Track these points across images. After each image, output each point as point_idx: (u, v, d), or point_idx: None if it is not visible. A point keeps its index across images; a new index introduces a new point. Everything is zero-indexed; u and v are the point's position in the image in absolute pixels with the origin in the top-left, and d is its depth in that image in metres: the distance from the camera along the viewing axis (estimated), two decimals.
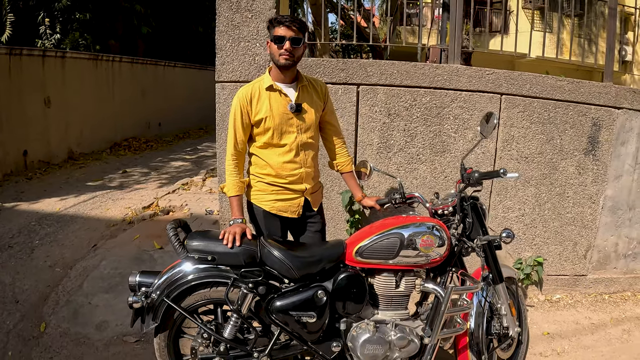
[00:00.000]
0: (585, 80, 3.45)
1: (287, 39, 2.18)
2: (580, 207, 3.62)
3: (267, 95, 2.29)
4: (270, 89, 2.29)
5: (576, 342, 3.20)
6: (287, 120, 2.31)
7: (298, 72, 2.37)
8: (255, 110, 2.28)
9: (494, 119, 2.15)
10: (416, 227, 2.19)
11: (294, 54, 2.22)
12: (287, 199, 2.40)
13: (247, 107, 2.28)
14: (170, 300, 2.12)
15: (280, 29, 2.19)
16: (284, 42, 2.18)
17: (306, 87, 2.37)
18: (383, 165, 3.33)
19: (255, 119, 2.29)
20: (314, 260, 2.15)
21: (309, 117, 2.36)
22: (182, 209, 5.07)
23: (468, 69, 3.25)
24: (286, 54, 2.19)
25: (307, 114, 2.35)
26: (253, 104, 2.28)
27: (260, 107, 2.28)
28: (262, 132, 2.31)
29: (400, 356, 2.22)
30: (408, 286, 2.23)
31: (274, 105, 2.28)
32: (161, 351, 2.27)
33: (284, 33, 2.18)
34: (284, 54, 2.19)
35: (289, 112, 2.30)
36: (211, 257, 2.13)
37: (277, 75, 2.30)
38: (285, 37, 2.18)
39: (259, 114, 2.28)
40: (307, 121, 2.36)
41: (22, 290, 3.59)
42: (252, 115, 2.29)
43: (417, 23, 10.18)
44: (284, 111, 2.29)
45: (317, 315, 2.10)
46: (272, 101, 2.28)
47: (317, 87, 2.42)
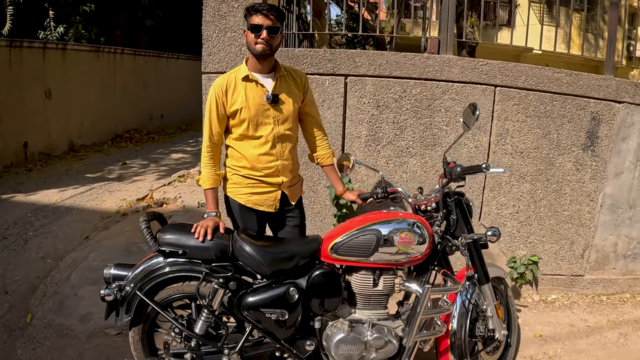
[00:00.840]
0: (584, 73, 3.32)
1: (265, 27, 2.13)
2: (578, 205, 3.50)
3: (243, 85, 2.23)
4: (247, 79, 2.23)
5: (570, 346, 3.09)
6: (263, 111, 2.25)
7: (276, 62, 2.31)
8: (231, 101, 2.22)
9: (477, 111, 2.06)
10: (396, 223, 2.11)
11: (271, 43, 2.17)
12: (263, 192, 2.33)
13: (223, 98, 2.22)
14: (143, 294, 2.09)
15: (257, 18, 2.14)
16: (261, 30, 2.13)
17: (284, 78, 2.30)
18: (372, 159, 3.25)
19: (231, 110, 2.23)
20: (286, 256, 2.09)
21: (286, 108, 2.29)
22: (175, 201, 5.06)
23: (460, 60, 3.14)
24: (263, 43, 2.14)
25: (285, 105, 2.28)
26: (228, 94, 2.22)
27: (236, 97, 2.22)
28: (237, 123, 2.25)
29: (377, 357, 2.15)
30: (387, 285, 2.15)
31: (250, 96, 2.22)
32: (135, 345, 2.24)
33: (261, 22, 2.13)
34: (260, 43, 2.14)
35: (265, 103, 2.24)
36: (182, 250, 2.08)
37: (254, 65, 2.24)
38: (262, 25, 2.13)
39: (235, 105, 2.22)
40: (285, 112, 2.29)
41: (13, 281, 3.61)
42: (228, 106, 2.23)
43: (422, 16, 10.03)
44: (260, 102, 2.23)
45: (289, 312, 2.03)
46: (248, 92, 2.22)
47: (296, 78, 2.35)
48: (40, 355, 2.80)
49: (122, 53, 8.88)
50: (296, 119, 2.39)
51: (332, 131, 3.19)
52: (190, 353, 2.13)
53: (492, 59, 3.27)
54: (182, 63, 10.97)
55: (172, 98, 10.40)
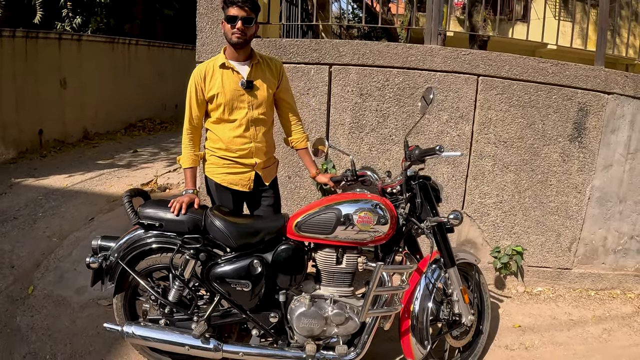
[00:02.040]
0: (572, 63, 3.31)
1: (239, 18, 2.26)
2: (565, 197, 3.50)
3: (220, 72, 2.37)
4: (223, 67, 2.38)
5: (548, 338, 3.08)
6: (238, 96, 2.38)
7: (252, 50, 2.44)
8: (209, 87, 2.38)
9: (431, 94, 2.13)
10: (361, 203, 2.19)
11: (246, 32, 2.30)
12: (237, 173, 2.47)
13: (201, 84, 2.38)
14: (125, 264, 2.25)
15: (233, 9, 2.27)
16: (236, 21, 2.26)
17: (260, 65, 2.43)
18: (355, 146, 3.33)
19: (208, 95, 2.38)
20: (251, 231, 2.21)
21: (260, 94, 2.42)
22: (178, 186, 5.22)
23: (443, 49, 3.18)
24: (238, 33, 2.28)
25: (259, 91, 2.42)
26: (207, 81, 2.37)
27: (213, 84, 2.37)
28: (214, 107, 2.40)
29: (338, 333, 2.24)
30: (350, 263, 2.24)
31: (226, 82, 2.36)
32: (118, 311, 2.43)
33: (237, 13, 2.26)
34: (236, 33, 2.28)
35: (240, 89, 2.37)
36: (159, 223, 2.23)
37: (231, 53, 2.39)
38: (237, 16, 2.26)
39: (212, 91, 2.37)
40: (259, 97, 2.42)
41: (19, 257, 3.80)
42: (206, 91, 2.38)
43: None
44: (235, 87, 2.37)
45: (253, 284, 2.15)
46: (225, 78, 2.37)
47: (271, 65, 2.48)
48: (37, 322, 2.99)
49: (136, 44, 9.10)
50: (271, 104, 2.52)
51: (317, 118, 3.29)
52: (164, 319, 2.29)
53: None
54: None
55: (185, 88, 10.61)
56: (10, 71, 6.46)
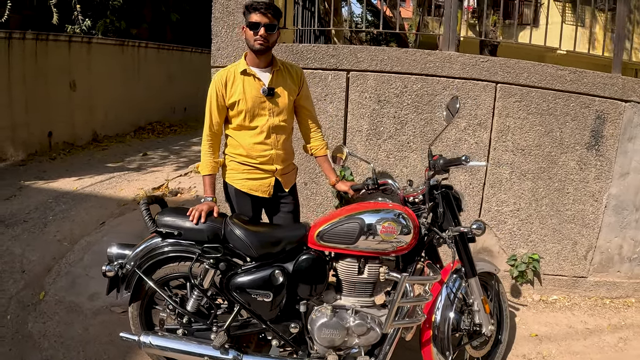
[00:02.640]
0: (589, 70, 3.28)
1: (262, 25, 2.24)
2: (581, 205, 3.46)
3: (241, 79, 2.35)
4: (245, 73, 2.35)
5: (565, 347, 3.05)
6: (259, 103, 2.36)
7: (273, 57, 2.42)
8: (230, 93, 2.35)
9: (457, 104, 2.10)
10: (383, 213, 2.17)
11: (269, 39, 2.28)
12: (257, 179, 2.45)
13: (222, 90, 2.35)
14: (142, 272, 2.22)
15: (255, 16, 2.25)
16: (259, 28, 2.24)
17: (280, 72, 2.41)
18: (372, 153, 3.31)
19: (229, 101, 2.36)
20: (273, 240, 2.18)
21: (282, 101, 2.40)
22: (189, 190, 5.21)
23: (461, 56, 3.16)
24: (261, 40, 2.26)
25: (280, 98, 2.40)
26: (228, 87, 2.35)
27: (234, 90, 2.34)
28: (235, 114, 2.38)
29: (359, 343, 2.21)
30: (372, 273, 2.21)
31: (247, 89, 2.34)
32: (134, 320, 2.39)
33: (259, 19, 2.24)
34: (258, 40, 2.26)
35: (261, 96, 2.35)
36: (178, 232, 2.20)
37: (253, 59, 2.36)
38: (260, 23, 2.24)
39: (233, 97, 2.34)
40: (280, 105, 2.40)
41: (30, 261, 3.77)
42: (227, 98, 2.36)
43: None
44: (256, 94, 2.35)
45: (274, 294, 2.12)
46: (246, 85, 2.34)
47: (292, 72, 2.46)
48: (49, 328, 2.96)
49: (146, 47, 9.12)
50: (291, 111, 2.49)
51: (334, 125, 3.27)
52: (182, 329, 2.26)
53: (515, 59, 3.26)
54: (206, 57, 11.07)
55: (195, 91, 10.57)
56: (20, 73, 6.48)
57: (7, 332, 2.93)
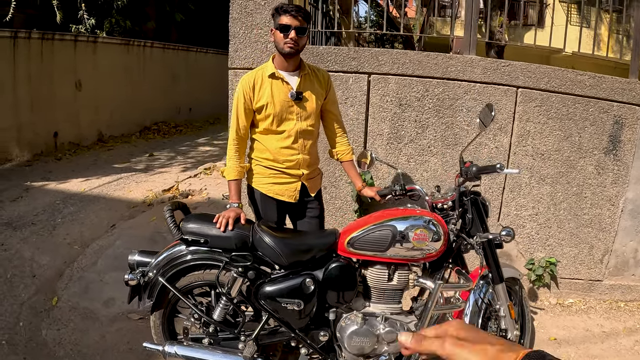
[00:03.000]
0: (608, 75, 3.27)
1: (293, 28, 2.20)
2: (599, 209, 3.46)
3: (269, 82, 2.31)
4: (273, 77, 2.32)
5: (583, 350, 3.06)
6: (287, 107, 2.33)
7: (301, 60, 2.39)
8: (257, 97, 2.31)
9: (493, 111, 2.09)
10: (412, 220, 2.15)
11: (299, 42, 2.25)
12: (284, 183, 2.43)
13: (250, 94, 2.31)
14: (165, 280, 2.17)
15: (285, 18, 2.21)
16: (289, 31, 2.20)
17: (308, 76, 2.38)
18: (393, 157, 3.29)
19: (257, 105, 2.32)
20: (303, 248, 2.15)
21: (309, 105, 2.37)
22: (200, 192, 5.17)
23: (483, 60, 3.15)
24: (291, 43, 2.22)
25: (308, 102, 2.36)
26: (255, 90, 2.31)
27: (262, 94, 2.31)
28: (263, 118, 2.34)
29: (389, 350, 2.19)
30: (401, 280, 2.19)
31: (275, 93, 2.31)
32: (156, 329, 2.34)
33: (290, 22, 2.20)
34: (288, 43, 2.22)
35: (289, 100, 2.32)
36: (204, 239, 2.16)
37: (281, 63, 2.32)
38: (290, 26, 2.20)
39: (261, 101, 2.31)
40: (308, 109, 2.37)
41: (40, 265, 3.72)
42: (254, 101, 2.32)
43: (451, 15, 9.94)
44: (284, 99, 2.31)
45: (305, 303, 2.10)
46: (274, 88, 2.31)
47: (319, 76, 2.43)
48: (64, 336, 2.90)
49: (151, 46, 9.06)
50: (318, 116, 2.46)
51: (355, 128, 3.24)
52: (208, 338, 2.22)
53: (520, 60, 3.25)
54: (211, 57, 11.12)
55: (200, 92, 10.57)
56: (25, 73, 6.42)
57: (20, 339, 2.87)
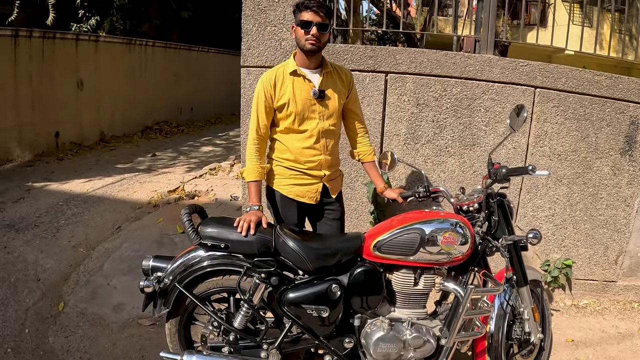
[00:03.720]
0: (624, 76, 3.25)
1: (314, 24, 2.15)
2: (614, 210, 3.44)
3: (290, 80, 2.26)
4: (294, 74, 2.26)
5: (601, 352, 3.05)
6: (309, 106, 2.27)
7: (323, 58, 2.33)
8: (279, 94, 2.26)
9: (524, 112, 2.04)
10: (439, 223, 2.10)
11: (321, 39, 2.19)
12: (305, 184, 2.36)
13: (271, 92, 2.25)
14: (182, 287, 2.10)
15: (307, 14, 2.15)
16: (310, 27, 2.15)
17: (331, 74, 2.32)
18: (410, 157, 3.24)
19: (278, 103, 2.26)
20: (329, 252, 2.09)
21: (332, 104, 2.31)
22: (207, 193, 5.10)
23: (501, 60, 3.11)
24: (312, 39, 2.16)
25: (331, 101, 2.31)
26: (277, 88, 2.25)
27: (284, 91, 2.25)
28: (284, 117, 2.28)
29: (414, 356, 2.15)
30: (427, 284, 2.14)
31: (297, 91, 2.25)
32: (172, 337, 2.26)
33: (311, 18, 2.15)
34: (310, 39, 2.16)
35: (312, 98, 2.26)
36: (224, 244, 2.09)
37: (302, 60, 2.27)
38: (312, 22, 2.15)
39: (282, 99, 2.25)
40: (330, 108, 2.31)
41: (45, 269, 3.64)
42: (275, 99, 2.26)
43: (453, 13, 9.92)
44: (307, 97, 2.26)
45: (330, 309, 2.04)
46: (296, 86, 2.25)
47: (341, 75, 2.37)
48: (73, 343, 2.83)
49: (153, 46, 8.97)
50: (340, 115, 2.41)
51: (371, 128, 3.19)
52: (228, 347, 2.15)
53: (525, 59, 3.23)
54: (213, 57, 11.06)
55: (202, 91, 10.50)
56: (26, 72, 6.34)
57: (27, 347, 2.79)
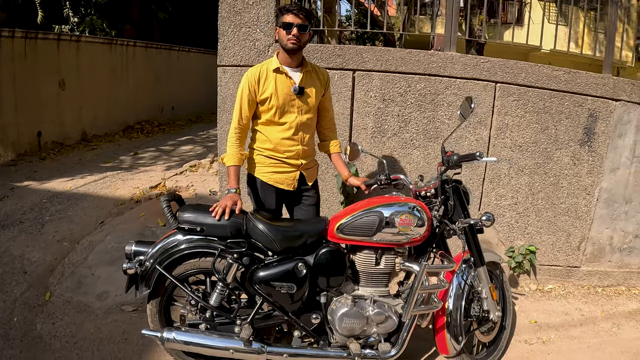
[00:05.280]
0: (582, 71, 3.44)
1: (295, 25, 2.35)
2: (575, 198, 3.63)
3: (273, 76, 2.46)
4: (277, 71, 2.46)
5: (563, 332, 3.22)
6: (289, 100, 2.47)
7: (304, 58, 2.54)
8: (262, 89, 2.45)
9: (473, 104, 2.22)
10: (397, 206, 2.27)
11: (301, 39, 2.39)
12: (283, 172, 2.56)
13: (255, 86, 2.45)
14: (162, 269, 2.25)
15: (288, 17, 2.36)
16: (291, 28, 2.35)
17: (310, 73, 2.53)
18: (377, 150, 3.41)
19: (261, 97, 2.46)
20: (295, 234, 2.26)
21: (310, 100, 2.52)
22: (187, 189, 5.21)
23: (463, 57, 3.29)
24: (293, 39, 2.37)
25: (309, 98, 2.52)
26: (260, 83, 2.45)
27: (267, 86, 2.45)
28: (266, 110, 2.48)
29: (377, 331, 2.31)
30: (388, 264, 2.31)
31: (279, 86, 2.45)
32: (153, 317, 2.41)
33: (292, 20, 2.35)
34: (291, 39, 2.37)
35: (292, 94, 2.46)
36: (200, 228, 2.25)
37: (285, 59, 2.47)
38: (293, 23, 2.35)
39: (265, 93, 2.45)
40: (308, 104, 2.52)
41: (31, 262, 3.74)
42: (259, 93, 2.46)
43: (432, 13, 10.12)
44: (287, 92, 2.46)
45: (297, 286, 2.20)
46: (278, 82, 2.45)
47: (319, 75, 2.59)
48: (60, 329, 2.95)
49: (134, 45, 9.01)
50: (316, 110, 2.62)
51: (340, 123, 3.35)
52: (205, 323, 2.31)
53: (500, 57, 3.40)
54: (193, 56, 11.13)
55: (182, 90, 10.56)
56: (10, 72, 6.37)
57: (16, 334, 2.91)
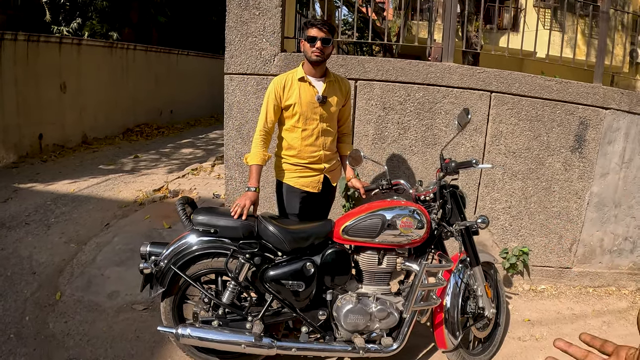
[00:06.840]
0: (574, 81, 3.61)
1: (319, 39, 2.51)
2: (566, 202, 3.79)
3: (298, 85, 2.63)
4: (302, 80, 2.63)
5: (555, 330, 3.36)
6: (312, 108, 2.64)
7: (327, 69, 2.70)
8: (287, 96, 2.62)
9: (469, 114, 2.38)
10: (398, 210, 2.41)
11: (324, 51, 2.56)
12: (308, 176, 2.74)
13: (280, 93, 2.62)
14: (177, 268, 2.37)
15: (312, 30, 2.53)
16: (315, 41, 2.52)
17: (332, 83, 2.70)
18: (377, 156, 3.56)
19: (285, 103, 2.63)
20: (303, 236, 2.40)
21: (332, 109, 2.69)
22: (190, 192, 5.33)
23: (460, 67, 3.44)
24: (317, 52, 2.53)
25: (331, 107, 2.68)
26: (285, 90, 2.62)
27: (291, 94, 2.61)
28: (290, 115, 2.65)
29: (380, 327, 2.45)
30: (390, 264, 2.46)
31: (303, 94, 2.61)
32: (167, 314, 2.54)
33: (316, 34, 2.52)
34: (315, 52, 2.54)
35: (315, 102, 2.63)
36: (214, 229, 2.38)
37: (309, 69, 2.64)
38: (317, 37, 2.51)
39: (289, 100, 2.62)
40: (330, 112, 2.69)
41: (39, 263, 3.82)
42: (283, 100, 2.63)
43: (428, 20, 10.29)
44: (311, 100, 2.62)
45: (306, 285, 2.34)
46: (302, 90, 2.62)
47: (342, 85, 2.76)
48: (72, 327, 3.04)
49: (134, 49, 9.13)
50: (336, 118, 2.79)
51: None
52: (217, 320, 2.43)
53: (495, 63, 3.57)
54: (193, 60, 11.26)
55: (181, 94, 10.68)
56: (12, 75, 6.46)
57: (29, 332, 3.00)
